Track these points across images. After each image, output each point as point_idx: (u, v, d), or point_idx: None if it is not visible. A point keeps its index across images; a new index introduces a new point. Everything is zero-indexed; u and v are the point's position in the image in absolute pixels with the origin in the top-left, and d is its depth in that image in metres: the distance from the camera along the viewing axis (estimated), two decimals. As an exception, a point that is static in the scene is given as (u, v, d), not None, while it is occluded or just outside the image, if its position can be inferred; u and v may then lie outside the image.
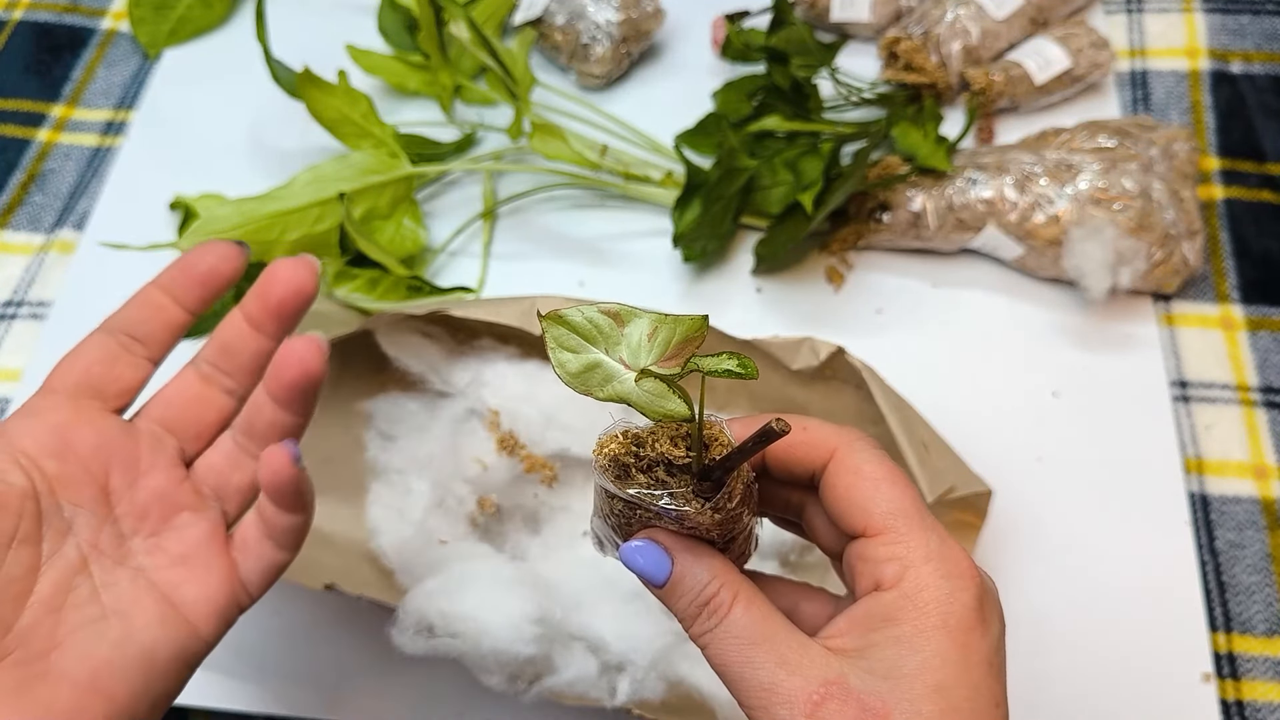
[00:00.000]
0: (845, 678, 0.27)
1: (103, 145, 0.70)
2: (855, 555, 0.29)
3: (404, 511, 0.48)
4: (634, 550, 0.30)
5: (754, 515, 0.31)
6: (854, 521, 0.29)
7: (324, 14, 0.74)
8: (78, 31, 0.75)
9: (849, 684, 0.27)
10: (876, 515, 0.29)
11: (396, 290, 0.57)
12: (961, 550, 0.29)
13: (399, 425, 0.51)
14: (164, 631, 0.34)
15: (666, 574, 0.30)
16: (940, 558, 0.28)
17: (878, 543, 0.29)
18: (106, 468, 0.35)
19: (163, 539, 0.35)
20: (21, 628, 0.31)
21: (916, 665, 0.27)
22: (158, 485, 0.36)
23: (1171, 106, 0.67)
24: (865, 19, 0.68)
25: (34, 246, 0.66)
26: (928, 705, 0.26)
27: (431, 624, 0.43)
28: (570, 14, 0.68)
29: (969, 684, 0.27)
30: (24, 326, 0.63)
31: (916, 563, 0.28)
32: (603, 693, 0.44)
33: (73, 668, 0.32)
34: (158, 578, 0.35)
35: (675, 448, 0.28)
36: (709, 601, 0.29)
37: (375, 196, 0.60)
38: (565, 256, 0.63)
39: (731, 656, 0.28)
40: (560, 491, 0.49)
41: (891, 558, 0.28)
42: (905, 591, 0.28)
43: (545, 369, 0.49)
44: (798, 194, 0.57)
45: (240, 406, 0.38)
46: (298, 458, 0.34)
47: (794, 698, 0.27)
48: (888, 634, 0.27)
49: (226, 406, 0.38)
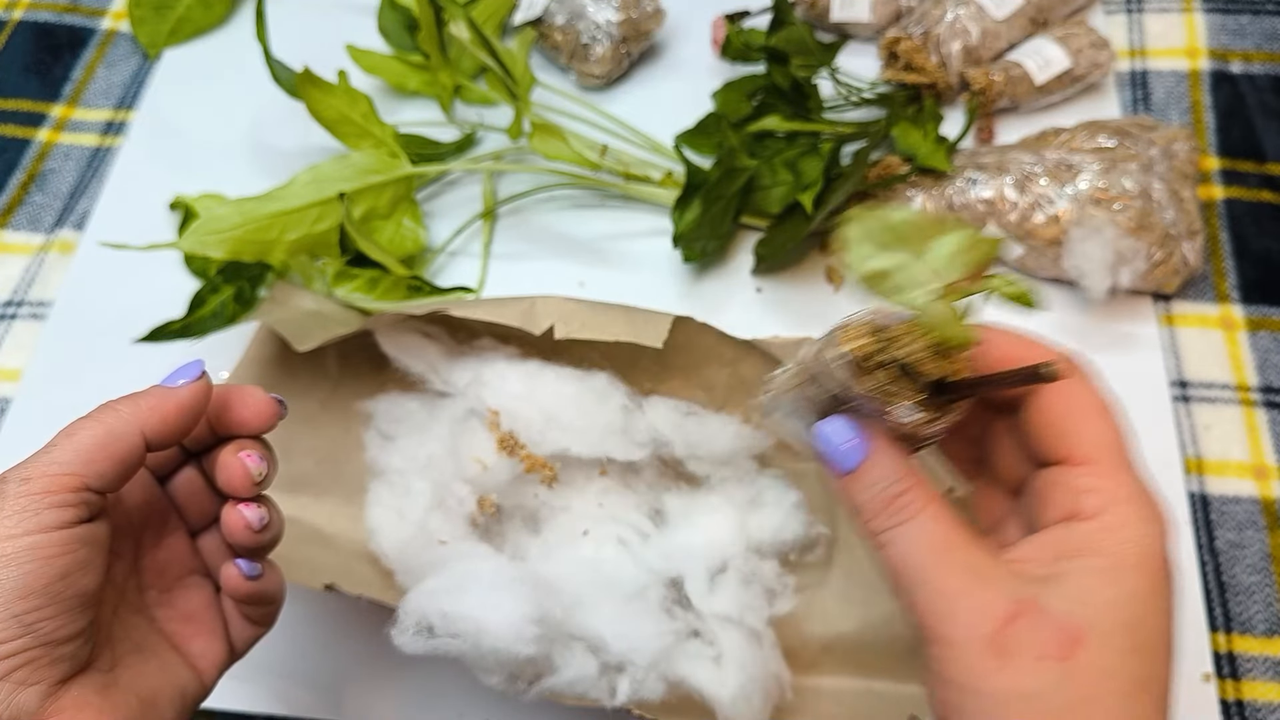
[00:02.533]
0: (1038, 599, 0.27)
1: (103, 145, 0.70)
2: (1050, 482, 0.29)
3: (404, 511, 0.48)
4: (830, 430, 0.30)
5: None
6: (1056, 448, 0.29)
7: (324, 14, 0.74)
8: (78, 31, 0.75)
9: (1042, 605, 0.27)
10: (1084, 445, 0.29)
11: (396, 290, 0.57)
12: (1159, 498, 0.29)
13: (399, 425, 0.51)
14: (186, 674, 0.37)
15: (858, 461, 0.29)
16: (1141, 499, 0.28)
17: (1080, 473, 0.29)
18: (143, 526, 0.38)
19: (174, 596, 0.38)
20: (99, 642, 0.34)
21: (1111, 598, 0.27)
22: (175, 549, 0.39)
23: (1171, 106, 0.67)
24: (865, 19, 0.68)
25: (34, 246, 0.66)
26: (1120, 639, 0.27)
27: (432, 624, 0.43)
28: (570, 14, 0.68)
29: (1156, 627, 0.28)
30: (24, 326, 0.63)
31: (1120, 499, 0.28)
32: (602, 693, 0.44)
33: (134, 684, 0.35)
34: (169, 629, 0.38)
35: (929, 359, 0.27)
36: (899, 497, 0.29)
37: (375, 196, 0.60)
38: (565, 256, 0.63)
39: (917, 558, 0.28)
40: (560, 491, 0.49)
41: (1093, 489, 0.28)
42: (1106, 525, 0.28)
43: (546, 369, 0.49)
44: (798, 194, 0.57)
45: None
46: (252, 575, 0.38)
47: (985, 609, 0.27)
48: (1084, 564, 0.27)
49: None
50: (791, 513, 0.50)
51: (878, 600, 0.49)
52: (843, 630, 0.49)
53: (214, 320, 0.57)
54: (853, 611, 0.49)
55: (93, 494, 0.32)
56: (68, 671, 0.32)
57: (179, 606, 0.38)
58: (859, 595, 0.49)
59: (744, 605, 0.47)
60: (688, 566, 0.48)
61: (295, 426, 0.54)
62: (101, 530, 0.33)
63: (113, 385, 0.40)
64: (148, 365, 0.59)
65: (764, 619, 0.48)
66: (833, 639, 0.49)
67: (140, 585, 0.38)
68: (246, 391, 0.38)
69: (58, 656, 0.32)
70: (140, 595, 0.38)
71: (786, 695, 0.46)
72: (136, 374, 0.58)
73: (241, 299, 0.58)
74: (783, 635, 0.48)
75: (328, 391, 0.54)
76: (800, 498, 0.50)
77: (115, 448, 0.33)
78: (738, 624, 0.47)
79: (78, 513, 0.32)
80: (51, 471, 0.32)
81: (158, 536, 0.39)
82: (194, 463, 0.39)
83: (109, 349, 0.60)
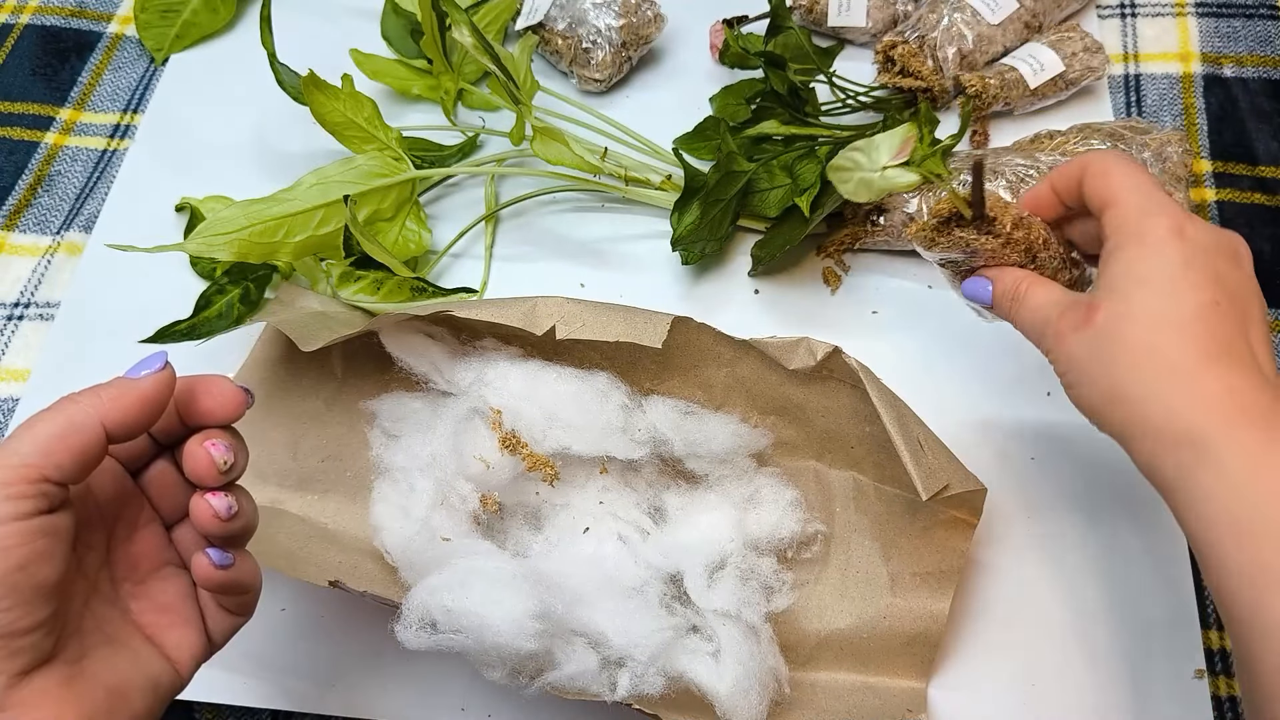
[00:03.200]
0: (1081, 297, 0.41)
1: (110, 148, 0.71)
2: (1101, 229, 0.41)
3: (408, 509, 0.48)
4: (966, 286, 0.46)
5: (1058, 253, 0.45)
6: (1099, 206, 0.41)
7: (328, 19, 0.75)
8: (85, 35, 0.76)
9: (1081, 298, 0.41)
10: (1107, 193, 0.40)
11: (400, 292, 0.58)
12: (1170, 201, 0.40)
13: (403, 424, 0.52)
14: (160, 665, 0.37)
15: (989, 293, 0.45)
16: (1145, 206, 0.39)
17: (1109, 213, 0.40)
18: (115, 518, 0.38)
19: (148, 588, 0.39)
20: (65, 633, 0.34)
21: (1121, 269, 0.39)
22: (149, 541, 0.39)
23: (1164, 110, 0.68)
24: (862, 24, 0.69)
25: (41, 248, 0.66)
26: (1135, 292, 0.38)
27: (435, 620, 0.44)
28: (572, 19, 0.69)
29: (1166, 276, 0.38)
30: (32, 327, 0.63)
31: (1130, 215, 0.39)
32: (603, 688, 0.44)
33: (102, 675, 0.35)
34: (143, 620, 0.38)
35: (942, 203, 0.44)
36: (1012, 291, 0.44)
37: (379, 199, 0.60)
38: (566, 258, 0.64)
39: (1026, 317, 0.43)
40: (561, 489, 0.50)
41: (1113, 216, 0.40)
42: (1119, 230, 0.40)
43: (548, 368, 0.50)
44: (795, 197, 0.58)
45: None
46: (223, 564, 0.38)
47: (1054, 315, 0.41)
48: (1108, 260, 0.40)
49: None
50: (788, 510, 0.50)
51: (874, 596, 0.50)
52: (839, 626, 0.50)
53: (220, 321, 0.58)
54: (849, 607, 0.50)
55: (52, 485, 0.32)
56: (29, 663, 0.32)
57: (154, 598, 0.38)
58: (855, 591, 0.50)
59: (742, 601, 0.48)
60: (687, 563, 0.48)
61: (301, 425, 0.55)
62: (63, 522, 0.33)
63: (123, 384, 0.40)
64: (155, 365, 0.60)
65: (762, 615, 0.48)
66: (829, 634, 0.50)
67: (113, 577, 0.38)
68: (212, 382, 0.37)
69: (17, 648, 0.32)
70: (113, 587, 0.38)
71: (784, 690, 0.47)
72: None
73: (247, 300, 0.59)
74: (780, 631, 0.49)
75: (333, 391, 0.55)
76: (797, 495, 0.51)
77: (74, 439, 0.33)
78: (736, 619, 0.47)
79: (36, 504, 0.32)
80: (10, 463, 0.32)
81: (131, 529, 0.39)
82: (167, 455, 0.39)
83: (116, 350, 0.61)
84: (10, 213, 0.68)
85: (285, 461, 0.54)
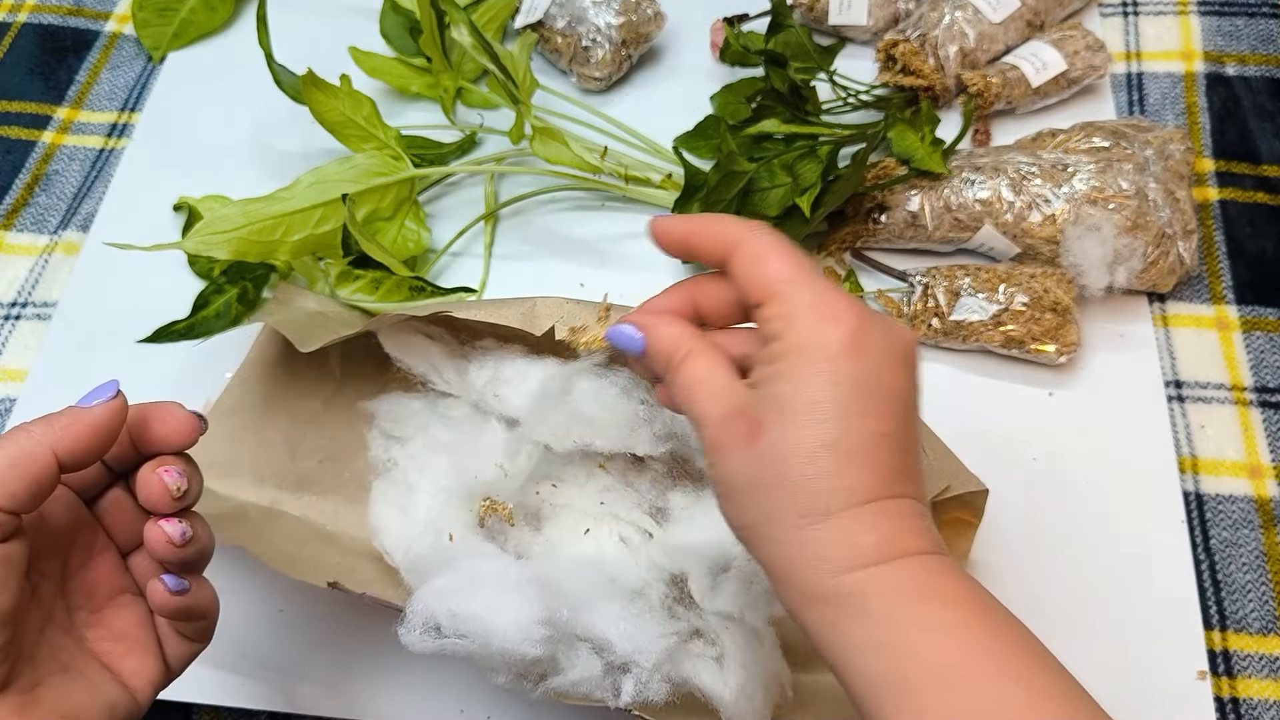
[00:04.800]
0: (746, 404, 0.35)
1: (107, 147, 0.70)
2: (758, 322, 0.36)
3: (407, 510, 0.48)
4: (612, 331, 0.39)
5: None
6: (750, 297, 0.35)
7: (326, 17, 0.75)
8: (82, 34, 0.76)
9: (746, 407, 0.34)
10: (766, 285, 0.35)
11: (399, 291, 0.57)
12: (843, 298, 0.34)
13: (402, 425, 0.52)
14: (117, 692, 0.37)
15: (639, 344, 0.38)
16: (816, 307, 0.34)
17: (767, 307, 0.35)
18: (70, 546, 0.38)
19: (105, 615, 0.39)
20: (19, 661, 0.34)
21: (791, 388, 0.33)
22: (104, 569, 0.39)
23: (1167, 109, 0.68)
24: (863, 22, 0.69)
25: (39, 248, 0.66)
26: (803, 416, 0.33)
27: (440, 623, 0.44)
28: (571, 18, 0.69)
29: (836, 398, 0.33)
30: (29, 327, 0.63)
31: (798, 315, 0.34)
32: (607, 693, 0.44)
33: (56, 704, 0.35)
34: (99, 648, 0.38)
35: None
36: (670, 357, 0.37)
37: (378, 198, 0.60)
38: (566, 258, 0.64)
39: (681, 395, 0.36)
40: (563, 490, 0.50)
41: (776, 316, 0.34)
42: (784, 337, 0.34)
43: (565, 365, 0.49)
44: (796, 196, 0.57)
45: None
46: (178, 590, 0.38)
47: (713, 418, 0.35)
48: (773, 370, 0.34)
49: None
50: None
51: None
52: (841, 628, 0.49)
53: (218, 321, 0.58)
54: (851, 609, 0.50)
55: (4, 514, 0.32)
56: None
57: (110, 626, 0.38)
58: (857, 593, 0.50)
59: (745, 604, 0.48)
60: (691, 564, 0.48)
61: (299, 426, 0.54)
62: (15, 550, 0.33)
63: (120, 385, 0.40)
64: (152, 366, 0.60)
65: (765, 618, 0.48)
66: (831, 636, 0.49)
67: (68, 606, 0.38)
68: (165, 409, 0.37)
69: None
70: (68, 615, 0.38)
71: (787, 693, 0.47)
72: (141, 375, 0.59)
73: (245, 300, 0.59)
74: (783, 634, 0.49)
75: (331, 392, 0.55)
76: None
77: (26, 467, 0.33)
78: (739, 622, 0.47)
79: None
80: None
81: (86, 557, 0.38)
82: (121, 483, 0.39)
83: (113, 350, 0.61)
84: (7, 212, 0.68)
85: (283, 462, 0.54)
